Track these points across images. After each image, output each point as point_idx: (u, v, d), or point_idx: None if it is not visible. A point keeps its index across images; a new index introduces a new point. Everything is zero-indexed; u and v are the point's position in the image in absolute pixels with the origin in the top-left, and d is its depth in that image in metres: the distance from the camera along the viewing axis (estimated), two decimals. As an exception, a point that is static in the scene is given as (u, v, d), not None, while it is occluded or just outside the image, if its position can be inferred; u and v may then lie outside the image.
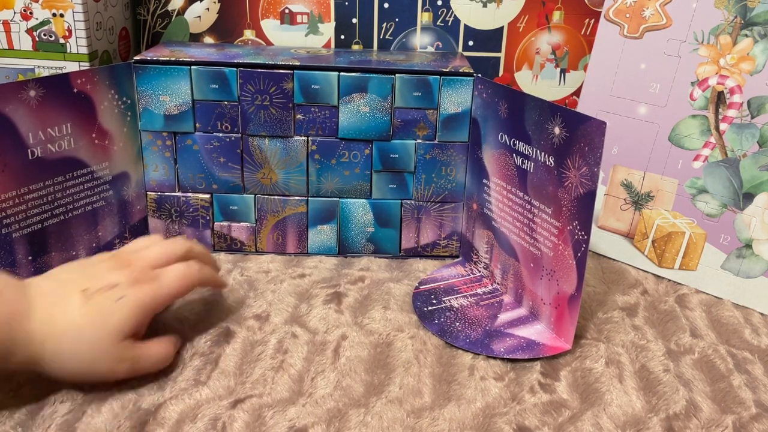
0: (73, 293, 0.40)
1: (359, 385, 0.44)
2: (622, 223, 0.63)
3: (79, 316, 0.39)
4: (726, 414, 0.43)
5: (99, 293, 0.40)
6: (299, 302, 0.53)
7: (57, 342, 0.38)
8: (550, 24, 0.72)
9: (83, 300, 0.39)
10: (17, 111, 0.48)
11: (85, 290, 0.40)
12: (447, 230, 0.62)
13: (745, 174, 0.55)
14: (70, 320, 0.39)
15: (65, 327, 0.39)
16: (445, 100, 0.57)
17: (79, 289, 0.40)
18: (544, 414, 0.42)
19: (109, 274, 0.41)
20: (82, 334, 0.39)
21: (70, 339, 0.39)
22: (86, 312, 0.39)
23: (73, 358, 0.39)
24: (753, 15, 0.54)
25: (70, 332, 0.39)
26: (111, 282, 0.41)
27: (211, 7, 0.72)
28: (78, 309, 0.39)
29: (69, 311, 0.39)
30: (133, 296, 0.41)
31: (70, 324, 0.39)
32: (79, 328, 0.39)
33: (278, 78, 0.56)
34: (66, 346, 0.39)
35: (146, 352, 0.42)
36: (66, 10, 0.61)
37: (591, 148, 0.44)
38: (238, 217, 0.61)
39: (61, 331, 0.39)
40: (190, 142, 0.58)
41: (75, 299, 0.39)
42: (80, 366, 0.40)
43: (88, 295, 0.40)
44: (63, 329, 0.39)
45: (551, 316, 0.50)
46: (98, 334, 0.39)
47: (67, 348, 0.39)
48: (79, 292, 0.40)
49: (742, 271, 0.56)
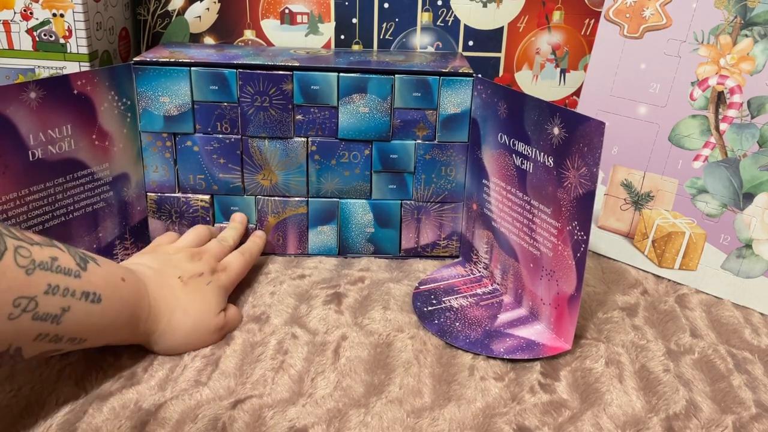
0: (172, 278, 0.47)
1: (359, 385, 0.44)
2: (622, 223, 0.63)
3: (184, 295, 0.47)
4: (726, 414, 0.43)
5: (192, 279, 0.48)
6: (299, 303, 0.54)
7: (168, 316, 0.46)
8: (550, 24, 0.72)
9: (182, 284, 0.47)
10: (18, 113, 0.48)
11: (181, 277, 0.48)
12: (447, 230, 0.62)
13: (745, 174, 0.55)
14: (178, 299, 0.46)
15: (174, 304, 0.46)
16: (445, 100, 0.57)
17: (175, 276, 0.48)
18: (544, 414, 0.42)
19: (190, 264, 0.49)
20: (189, 309, 0.47)
21: (180, 313, 0.46)
22: (188, 292, 0.47)
23: (182, 330, 0.46)
24: (753, 15, 0.54)
25: (179, 308, 0.46)
26: (198, 271, 0.49)
27: (211, 7, 0.72)
28: (181, 290, 0.47)
29: (174, 292, 0.47)
30: (216, 281, 0.50)
31: (178, 302, 0.46)
32: (185, 305, 0.47)
33: (278, 79, 0.56)
34: (177, 319, 0.46)
35: (229, 318, 0.50)
36: (66, 10, 0.61)
37: (590, 149, 0.44)
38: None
39: (171, 308, 0.46)
40: (190, 144, 0.58)
41: (176, 282, 0.47)
42: (187, 336, 0.47)
43: (184, 281, 0.48)
44: (173, 306, 0.46)
45: (551, 316, 0.50)
46: (201, 307, 0.47)
47: (177, 321, 0.46)
48: (176, 278, 0.47)
49: (742, 271, 0.56)
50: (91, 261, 0.40)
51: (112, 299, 0.40)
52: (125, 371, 0.45)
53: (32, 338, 0.36)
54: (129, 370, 0.45)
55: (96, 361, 0.45)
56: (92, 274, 0.40)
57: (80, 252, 0.40)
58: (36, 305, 0.36)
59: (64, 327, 0.37)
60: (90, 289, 0.39)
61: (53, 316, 0.37)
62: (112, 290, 0.41)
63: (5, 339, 0.35)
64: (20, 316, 0.35)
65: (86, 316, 0.39)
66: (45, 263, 0.37)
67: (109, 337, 0.42)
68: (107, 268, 0.42)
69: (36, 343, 0.37)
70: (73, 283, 0.38)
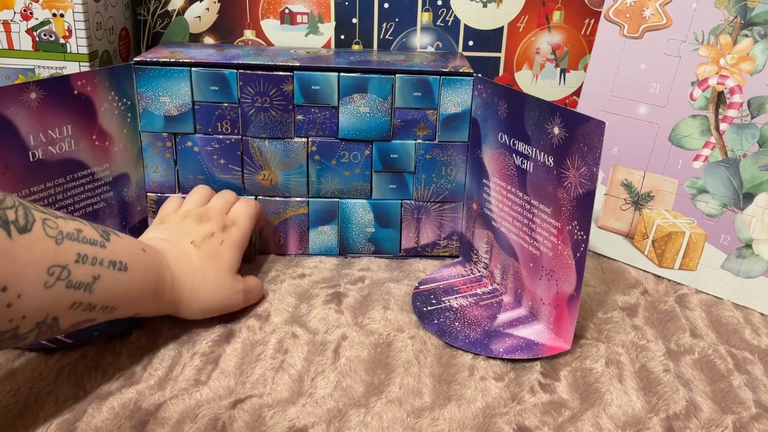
0: (185, 245, 0.48)
1: (359, 385, 0.44)
2: (622, 223, 0.63)
3: (199, 261, 0.48)
4: (726, 414, 0.43)
5: (204, 242, 0.49)
6: (299, 302, 0.54)
7: (190, 284, 0.47)
8: (550, 24, 0.72)
9: (196, 249, 0.48)
10: (18, 113, 0.48)
11: (193, 242, 0.48)
12: (447, 230, 0.62)
13: (745, 174, 0.55)
14: (195, 265, 0.47)
15: (193, 272, 0.47)
16: (445, 100, 0.57)
17: (188, 242, 0.48)
18: (544, 414, 0.42)
19: (199, 227, 0.50)
20: (207, 275, 0.48)
21: (199, 280, 0.47)
22: (203, 256, 0.48)
23: (204, 296, 0.48)
24: (753, 15, 0.54)
25: (197, 275, 0.47)
26: (208, 232, 0.50)
27: (211, 7, 0.72)
28: (196, 256, 0.48)
29: (191, 260, 0.47)
30: (229, 238, 0.50)
31: (195, 269, 0.47)
32: (203, 270, 0.48)
33: (278, 80, 0.56)
34: (197, 286, 0.47)
35: (250, 283, 0.52)
36: (66, 10, 0.61)
37: (590, 148, 0.44)
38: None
39: (191, 276, 0.47)
40: (190, 144, 0.58)
41: (190, 249, 0.48)
42: (211, 300, 0.48)
43: (197, 245, 0.48)
44: (191, 274, 0.47)
45: (550, 316, 0.50)
46: (218, 271, 0.48)
47: (198, 287, 0.47)
48: (189, 244, 0.48)
49: (742, 271, 0.56)
50: (112, 233, 0.42)
51: (137, 268, 0.42)
52: (125, 371, 0.45)
53: (68, 306, 0.37)
54: (128, 369, 0.45)
55: (95, 361, 0.45)
56: (115, 245, 0.41)
57: (100, 226, 0.41)
58: (69, 273, 0.37)
59: (96, 295, 0.39)
60: (116, 258, 0.40)
61: (85, 284, 0.38)
62: (136, 259, 0.42)
63: (43, 308, 0.36)
64: (55, 284, 0.36)
65: (115, 283, 0.40)
66: (72, 234, 0.38)
67: (139, 305, 0.43)
68: (127, 240, 0.43)
69: (71, 312, 0.37)
70: (100, 252, 0.39)
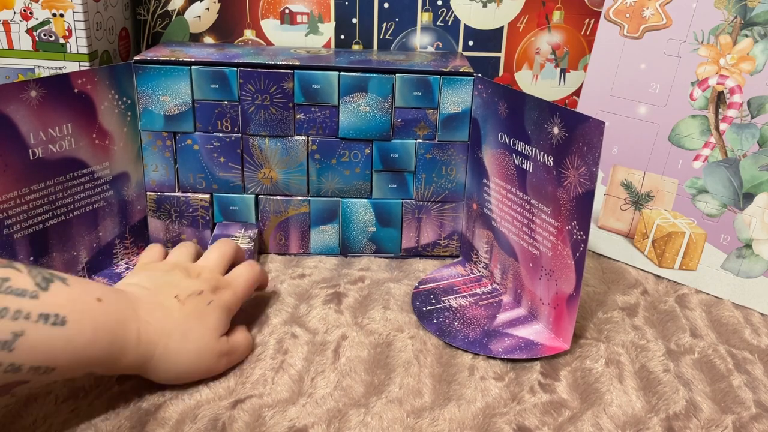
0: (168, 298, 0.43)
1: (359, 385, 0.44)
2: (622, 223, 0.63)
3: (182, 318, 0.42)
4: (726, 414, 0.43)
5: (191, 298, 0.43)
6: (299, 302, 0.53)
7: (166, 342, 0.41)
8: (550, 24, 0.72)
9: (179, 305, 0.43)
10: (18, 111, 0.48)
11: (177, 296, 0.43)
12: (447, 230, 0.62)
13: (745, 174, 0.55)
14: (175, 321, 0.42)
15: (171, 328, 0.42)
16: (445, 99, 0.57)
17: (171, 296, 0.43)
18: (544, 414, 0.42)
19: (187, 282, 0.45)
20: (188, 333, 0.42)
21: (178, 338, 0.42)
22: (187, 314, 0.43)
23: (182, 357, 0.42)
24: (753, 15, 0.54)
25: (175, 333, 0.42)
26: (197, 289, 0.44)
27: (211, 7, 0.72)
28: (178, 312, 0.42)
29: (171, 315, 0.42)
30: (218, 300, 0.45)
31: (175, 325, 0.42)
32: (183, 329, 0.42)
33: (278, 78, 0.56)
34: (174, 345, 0.41)
35: (236, 342, 0.46)
36: (66, 10, 0.61)
37: (590, 148, 0.44)
38: (238, 218, 0.61)
39: (167, 334, 0.41)
40: (190, 142, 0.58)
41: (172, 303, 0.43)
42: (188, 363, 0.43)
43: (181, 301, 0.43)
44: (170, 330, 0.41)
45: (550, 316, 0.50)
46: (201, 331, 0.43)
47: (175, 347, 0.42)
48: (173, 298, 0.43)
49: (742, 271, 0.56)
50: (59, 281, 0.37)
51: (81, 322, 0.37)
52: (125, 370, 0.45)
53: None
54: (129, 369, 0.45)
55: (96, 361, 0.45)
56: (54, 295, 0.36)
57: (49, 273, 0.37)
58: None
59: (20, 354, 0.34)
60: (49, 311, 0.35)
61: (3, 342, 0.33)
62: (81, 312, 0.37)
63: None
64: None
65: (46, 340, 0.35)
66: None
67: (88, 365, 0.38)
68: (78, 289, 0.38)
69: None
70: (27, 304, 0.34)
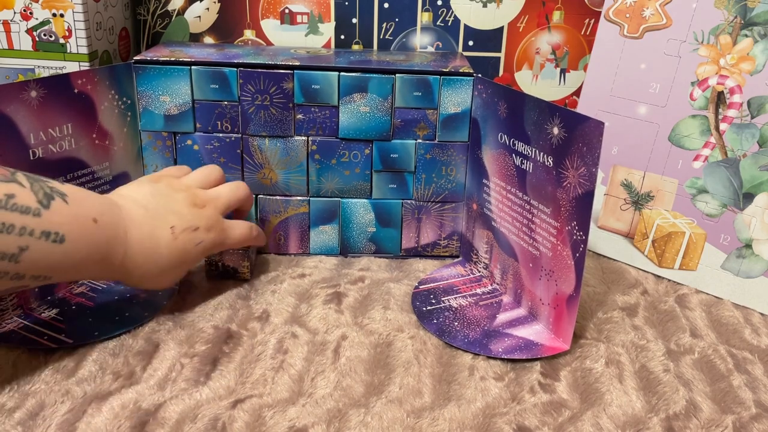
0: (162, 228, 0.46)
1: (359, 385, 0.44)
2: (622, 223, 0.63)
3: (167, 252, 0.46)
4: (726, 414, 0.43)
5: (184, 234, 0.47)
6: (299, 302, 0.53)
7: (144, 270, 0.46)
8: (550, 24, 0.72)
9: (171, 238, 0.46)
10: (18, 112, 0.48)
11: (173, 228, 0.47)
12: (447, 230, 0.62)
13: (745, 174, 0.55)
14: (159, 256, 0.46)
15: (154, 260, 0.46)
16: (445, 100, 0.57)
17: (168, 225, 0.46)
18: (544, 414, 0.42)
19: (189, 212, 0.48)
20: (165, 267, 0.47)
21: (154, 266, 0.46)
22: (173, 249, 0.47)
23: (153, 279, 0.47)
24: (753, 15, 0.54)
25: (156, 261, 0.46)
26: (194, 224, 0.48)
27: (211, 7, 0.72)
28: (166, 245, 0.46)
29: (158, 248, 0.46)
30: (208, 242, 0.49)
31: (158, 256, 0.46)
32: (163, 264, 0.46)
33: (278, 78, 0.56)
34: (149, 274, 0.46)
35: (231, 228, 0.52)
36: (66, 10, 0.61)
37: (589, 149, 0.44)
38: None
39: (149, 259, 0.45)
40: (190, 143, 0.58)
41: (164, 234, 0.46)
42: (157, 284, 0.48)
43: (175, 235, 0.47)
44: (151, 258, 0.46)
45: (550, 316, 0.50)
46: (177, 267, 0.48)
47: (149, 275, 0.46)
48: (168, 229, 0.46)
49: (742, 271, 0.56)
50: (59, 198, 0.39)
51: (78, 241, 0.40)
52: (124, 371, 0.45)
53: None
54: (128, 369, 0.45)
55: (95, 361, 0.45)
56: (55, 213, 0.38)
57: (49, 187, 0.39)
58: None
59: (24, 266, 0.37)
60: (51, 229, 0.38)
61: (10, 255, 0.36)
62: (79, 231, 0.40)
63: None
64: None
65: (47, 255, 0.38)
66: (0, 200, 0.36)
67: (78, 275, 0.42)
68: (77, 208, 0.40)
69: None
70: (31, 221, 0.37)
